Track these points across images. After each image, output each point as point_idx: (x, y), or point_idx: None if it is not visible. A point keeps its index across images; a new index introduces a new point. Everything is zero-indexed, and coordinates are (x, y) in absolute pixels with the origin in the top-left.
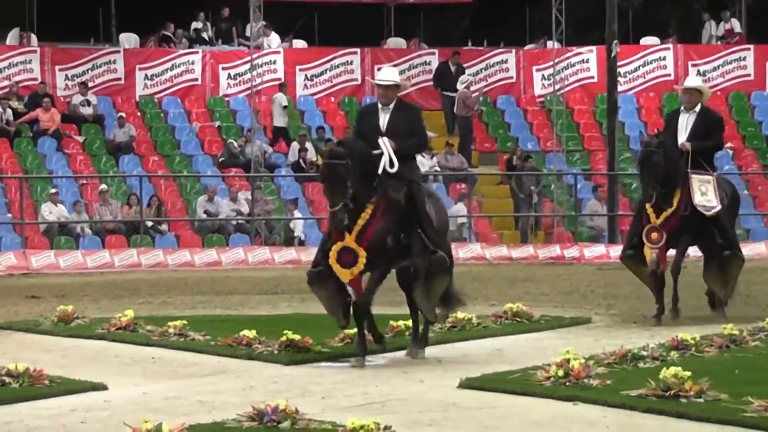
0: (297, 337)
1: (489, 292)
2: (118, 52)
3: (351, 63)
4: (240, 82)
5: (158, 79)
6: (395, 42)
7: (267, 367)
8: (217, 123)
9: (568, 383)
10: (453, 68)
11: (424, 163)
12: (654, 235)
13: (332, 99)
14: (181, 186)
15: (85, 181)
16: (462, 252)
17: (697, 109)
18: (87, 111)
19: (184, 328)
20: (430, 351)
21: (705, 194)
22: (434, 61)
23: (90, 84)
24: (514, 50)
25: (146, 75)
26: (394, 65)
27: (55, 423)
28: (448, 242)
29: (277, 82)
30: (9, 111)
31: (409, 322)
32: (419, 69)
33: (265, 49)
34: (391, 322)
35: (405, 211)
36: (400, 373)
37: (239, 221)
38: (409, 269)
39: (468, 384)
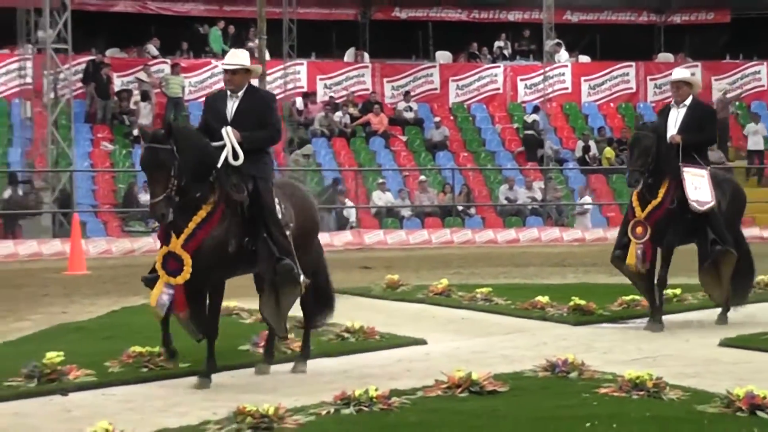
0: (582, 302)
1: None
2: (435, 66)
3: (627, 74)
4: (534, 90)
5: (467, 89)
6: (664, 57)
7: (557, 326)
8: (516, 125)
9: None
10: None
11: None
12: (639, 230)
13: (611, 105)
14: (486, 177)
15: (407, 173)
16: None
17: (688, 102)
18: (409, 115)
19: (489, 294)
20: (693, 315)
21: (698, 188)
22: (697, 72)
23: (412, 93)
24: (765, 63)
25: (457, 85)
26: (664, 76)
27: (384, 371)
28: (317, 246)
29: (565, 91)
30: (347, 116)
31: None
32: None
33: (556, 63)
34: (622, 297)
35: (249, 213)
36: (669, 333)
37: (534, 206)
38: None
39: (727, 343)
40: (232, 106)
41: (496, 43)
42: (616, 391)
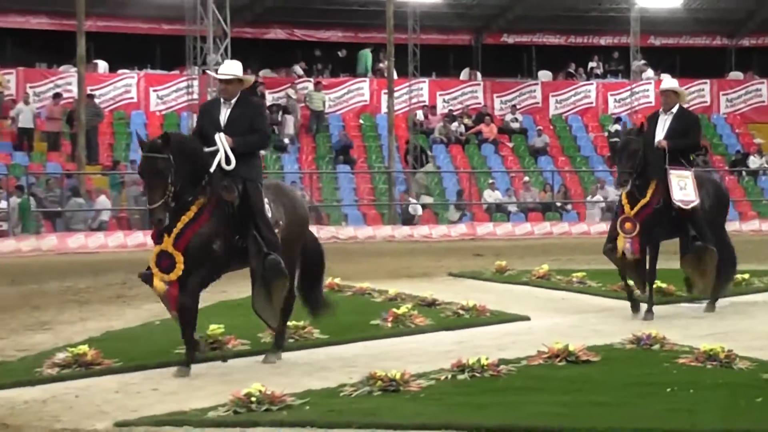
0: (663, 285)
1: None
2: (537, 84)
3: (702, 90)
4: (622, 104)
5: (566, 103)
6: (735, 75)
7: (642, 306)
8: (606, 133)
9: None
10: None
11: (755, 161)
12: (627, 225)
13: None
14: (581, 178)
15: (513, 175)
16: None
17: (675, 110)
18: (515, 125)
19: (583, 278)
20: (759, 297)
21: (683, 189)
22: (764, 89)
23: (517, 106)
24: None
25: (556, 100)
26: (734, 91)
27: (493, 342)
28: (312, 240)
29: (649, 104)
30: (462, 126)
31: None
32: (752, 94)
33: (641, 81)
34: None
35: (239, 212)
36: (738, 312)
37: None
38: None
39: None
40: (225, 113)
41: (590, 64)
42: (693, 362)
